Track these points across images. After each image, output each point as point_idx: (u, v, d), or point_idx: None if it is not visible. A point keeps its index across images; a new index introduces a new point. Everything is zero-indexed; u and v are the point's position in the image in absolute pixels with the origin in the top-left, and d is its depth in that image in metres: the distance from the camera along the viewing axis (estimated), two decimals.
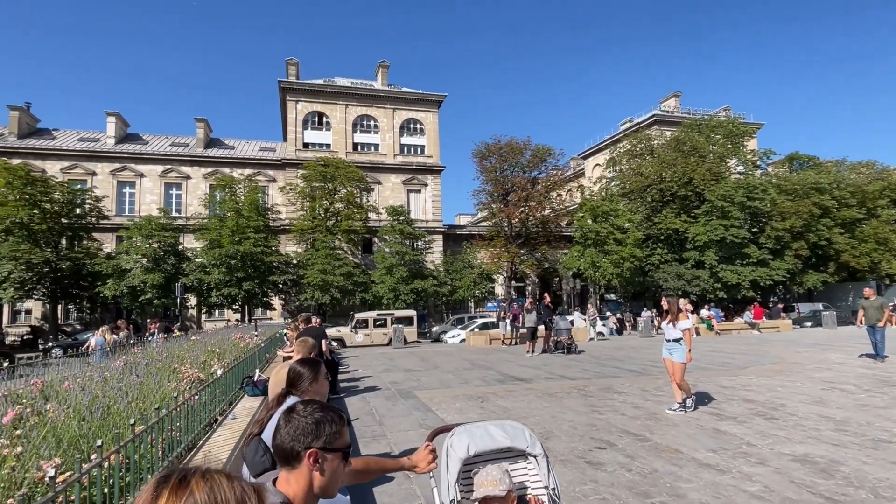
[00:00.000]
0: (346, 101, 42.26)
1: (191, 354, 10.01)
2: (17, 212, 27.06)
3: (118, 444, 3.31)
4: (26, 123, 38.31)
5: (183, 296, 27.52)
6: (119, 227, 34.25)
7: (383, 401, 9.97)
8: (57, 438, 4.54)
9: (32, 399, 6.07)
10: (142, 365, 8.56)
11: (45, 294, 29.19)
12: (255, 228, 31.24)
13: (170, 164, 38.76)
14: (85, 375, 6.98)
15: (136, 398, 5.62)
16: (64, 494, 2.67)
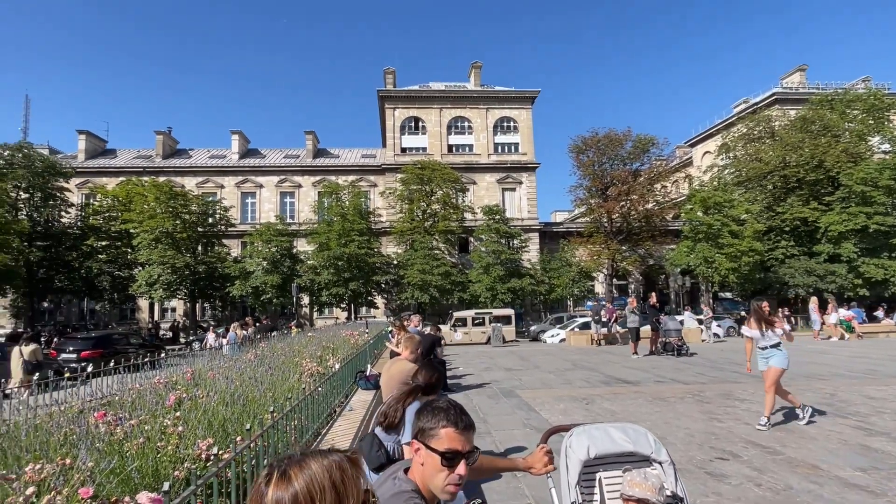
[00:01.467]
0: (441, 105, 43.20)
1: (308, 350, 10.89)
2: (164, 223, 31.16)
3: (261, 428, 3.74)
4: (168, 146, 44.02)
5: (298, 295, 29.98)
6: (243, 234, 38.13)
7: (486, 399, 10.09)
8: (208, 421, 5.20)
9: (186, 386, 7.00)
10: (269, 358, 9.49)
11: (186, 294, 33.28)
12: (359, 231, 33.07)
13: (284, 174, 42.34)
14: (225, 367, 7.90)
15: (268, 388, 6.26)
16: (226, 468, 3.08)
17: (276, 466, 0.98)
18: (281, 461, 1.00)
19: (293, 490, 0.94)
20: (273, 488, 0.95)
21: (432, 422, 1.62)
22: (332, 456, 1.01)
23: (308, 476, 0.96)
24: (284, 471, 0.97)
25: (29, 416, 5.18)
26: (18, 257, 28.83)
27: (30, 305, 33.52)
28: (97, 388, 8.42)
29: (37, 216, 32.33)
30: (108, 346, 19.05)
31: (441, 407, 1.75)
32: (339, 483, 0.97)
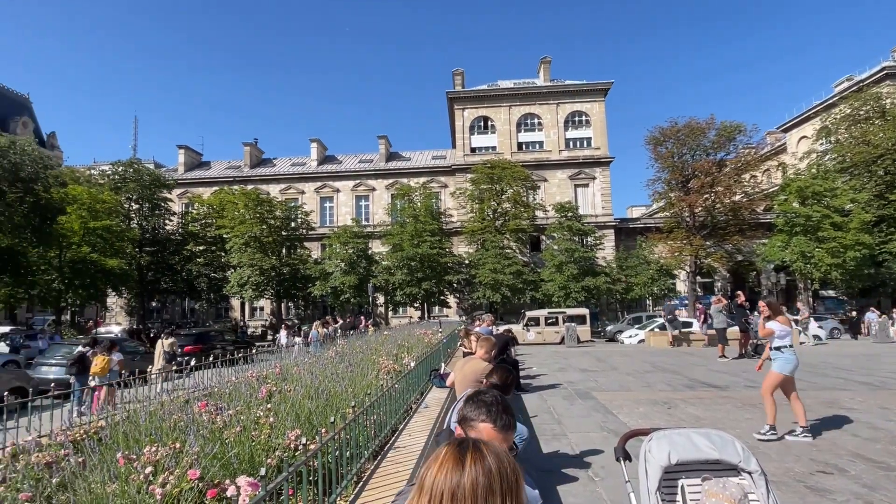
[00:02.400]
0: (510, 103, 42.89)
1: (384, 348, 11.27)
2: (252, 228, 33.50)
3: (345, 422, 3.96)
4: (255, 156, 47.24)
5: (373, 295, 31.06)
6: (322, 237, 40.07)
7: (561, 400, 9.93)
8: (296, 413, 5.56)
9: (275, 380, 7.51)
10: (348, 356, 9.94)
11: (272, 294, 35.55)
12: (431, 232, 33.65)
13: (359, 178, 44.00)
14: (310, 363, 8.39)
15: (349, 384, 6.58)
16: (314, 457, 3.30)
17: (468, 441, 1.08)
18: (470, 439, 1.10)
19: (487, 464, 1.01)
20: (470, 459, 1.02)
21: (474, 412, 1.68)
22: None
23: (498, 455, 1.04)
24: (476, 444, 1.06)
25: (145, 404, 5.81)
26: (131, 262, 32.22)
27: (141, 304, 37.37)
28: (198, 380, 9.24)
29: (145, 224, 35.95)
30: (206, 342, 20.81)
31: (485, 401, 1.80)
32: (517, 469, 1.05)
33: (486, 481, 1.00)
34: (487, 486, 1.00)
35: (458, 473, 1.01)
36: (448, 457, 1.05)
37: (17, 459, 4.54)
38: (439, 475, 1.02)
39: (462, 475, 1.00)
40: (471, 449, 1.05)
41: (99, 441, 5.10)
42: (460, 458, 1.03)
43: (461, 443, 1.08)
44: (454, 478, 1.01)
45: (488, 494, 0.99)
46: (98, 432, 5.37)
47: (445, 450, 1.07)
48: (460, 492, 0.99)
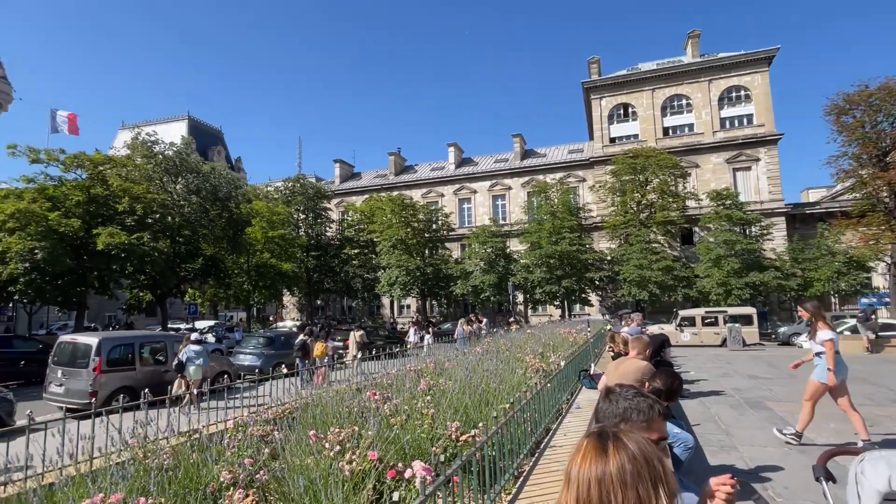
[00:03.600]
0: (652, 86, 39.88)
1: (529, 346, 11.34)
2: (398, 231, 35.99)
3: (505, 416, 4.15)
4: (398, 164, 50.65)
5: (513, 293, 31.28)
6: (462, 237, 41.46)
7: (727, 408, 9.05)
8: (454, 407, 5.92)
9: (431, 374, 8.04)
10: (493, 353, 10.21)
11: (418, 293, 37.79)
12: (570, 228, 32.80)
13: (494, 178, 44.63)
14: (460, 359, 8.82)
15: (501, 381, 6.80)
16: (480, 450, 3.53)
17: (608, 430, 1.11)
18: (609, 428, 1.13)
19: (631, 452, 1.04)
20: (613, 448, 1.05)
21: (644, 415, 1.67)
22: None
23: (638, 443, 1.07)
24: (615, 434, 1.09)
25: (328, 391, 6.67)
26: (301, 265, 36.77)
27: (309, 303, 42.46)
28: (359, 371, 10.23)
29: (310, 232, 40.77)
30: (365, 338, 22.90)
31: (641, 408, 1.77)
32: (661, 457, 1.07)
33: (632, 468, 1.02)
34: (635, 473, 1.01)
35: (603, 462, 1.03)
36: (590, 447, 1.08)
37: (238, 431, 5.54)
38: (584, 465, 1.05)
39: (606, 463, 1.03)
40: (611, 438, 1.07)
41: (293, 420, 5.99)
42: (602, 448, 1.05)
43: (601, 433, 1.10)
44: (599, 466, 1.03)
45: (637, 481, 1.00)
46: (293, 413, 6.31)
47: (586, 441, 1.10)
48: (606, 478, 1.01)
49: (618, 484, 1.00)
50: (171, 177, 27.87)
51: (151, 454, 4.53)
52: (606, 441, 1.07)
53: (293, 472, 4.12)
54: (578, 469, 1.06)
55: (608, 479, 1.01)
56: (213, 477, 4.23)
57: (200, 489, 4.07)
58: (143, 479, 4.01)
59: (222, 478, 4.17)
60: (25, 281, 19.25)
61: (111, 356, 11.93)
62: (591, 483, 1.02)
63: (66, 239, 19.97)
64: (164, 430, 5.10)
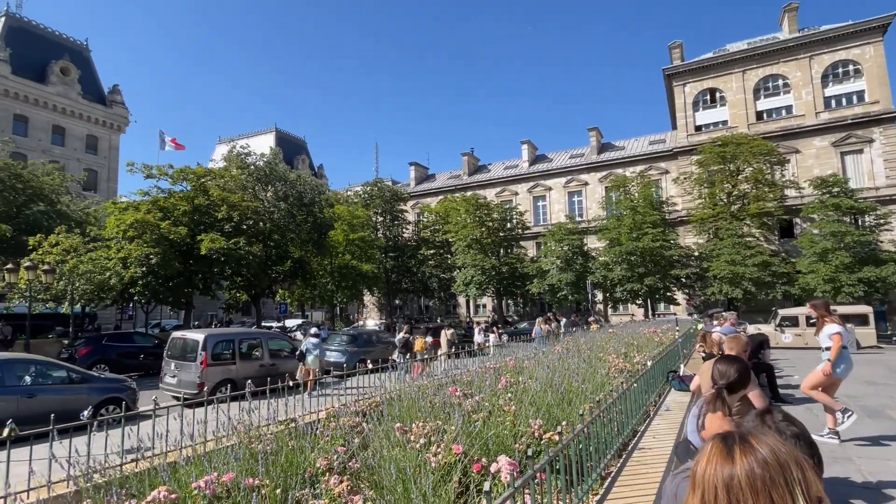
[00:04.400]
0: (743, 67, 36.97)
1: (611, 345, 10.99)
2: (473, 231, 36.20)
3: (591, 416, 4.08)
4: (472, 164, 50.91)
5: (592, 292, 30.36)
6: (537, 235, 40.87)
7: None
8: (536, 405, 5.90)
9: (511, 372, 8.05)
10: (574, 352, 10.00)
11: (493, 292, 37.78)
12: (652, 223, 31.25)
13: (570, 174, 43.55)
14: (540, 358, 8.75)
15: (583, 380, 6.67)
16: (566, 448, 3.51)
17: (734, 433, 1.06)
18: (736, 431, 1.07)
19: (761, 455, 0.98)
20: (739, 451, 1.00)
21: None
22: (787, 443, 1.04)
23: (771, 446, 1.00)
24: (743, 436, 1.04)
25: (410, 386, 6.88)
26: (380, 266, 38.06)
27: (388, 302, 43.82)
28: (450, 367, 10.42)
29: (388, 234, 42.10)
30: (440, 336, 23.29)
31: (788, 435, 1.60)
32: (801, 461, 0.99)
33: (763, 473, 0.96)
34: (767, 478, 0.95)
35: (730, 466, 0.98)
36: (715, 450, 1.03)
37: (330, 421, 5.88)
38: (709, 469, 1.01)
39: (734, 467, 0.98)
40: (738, 441, 1.02)
41: (380, 413, 6.26)
42: (728, 451, 1.00)
43: (726, 436, 1.05)
44: (726, 470, 0.99)
45: (771, 487, 0.95)
46: (379, 406, 6.58)
47: (712, 444, 1.05)
48: (735, 484, 0.97)
49: (747, 489, 0.96)
50: (261, 185, 29.98)
51: (256, 440, 4.94)
52: (732, 445, 1.03)
53: (383, 461, 4.33)
54: (704, 472, 1.02)
55: (736, 484, 0.97)
56: (310, 463, 4.54)
57: (299, 474, 4.38)
58: (249, 461, 4.39)
59: (318, 464, 4.46)
60: (143, 283, 21.59)
61: (215, 351, 13.08)
62: (718, 488, 0.99)
63: (175, 245, 22.13)
64: (265, 418, 5.54)
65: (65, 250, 21.44)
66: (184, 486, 3.83)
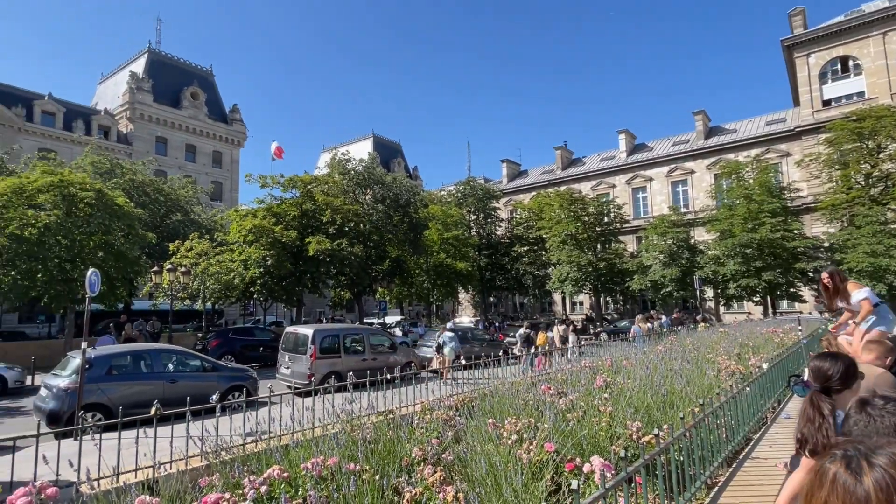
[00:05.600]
0: (883, 28, 32.05)
1: (721, 345, 10.15)
2: (568, 226, 35.21)
3: (694, 420, 3.83)
4: (565, 158, 49.56)
5: (700, 288, 28.13)
6: (637, 229, 38.75)
7: None
8: (634, 406, 5.65)
9: (607, 371, 7.77)
10: (678, 352, 9.39)
11: (590, 289, 36.46)
12: (771, 212, 28.23)
13: (673, 163, 40.72)
14: (640, 357, 8.33)
15: (687, 382, 6.26)
16: (665, 452, 3.34)
17: (852, 452, 0.87)
18: (849, 448, 0.89)
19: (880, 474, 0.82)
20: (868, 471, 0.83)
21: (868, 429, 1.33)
22: None
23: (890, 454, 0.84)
24: (870, 453, 0.86)
25: (504, 383, 6.92)
26: (474, 264, 38.43)
27: (482, 300, 44.08)
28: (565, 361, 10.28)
29: (481, 231, 42.34)
30: (537, 333, 23.00)
31: None
32: None
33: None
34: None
35: (858, 491, 0.80)
36: (837, 474, 0.84)
37: (425, 414, 6.09)
38: (832, 498, 0.83)
39: (867, 497, 0.79)
40: (864, 457, 0.83)
41: (472, 408, 6.36)
42: (855, 474, 0.82)
43: (847, 455, 0.86)
44: (853, 498, 0.80)
45: None
46: (472, 401, 6.69)
47: (828, 467, 0.86)
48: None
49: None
50: (361, 189, 31.65)
51: (357, 428, 5.28)
52: (859, 463, 0.84)
53: (475, 455, 4.41)
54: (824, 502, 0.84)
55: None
56: (406, 452, 4.76)
57: (396, 462, 4.61)
58: (351, 448, 4.70)
59: (414, 454, 4.66)
60: (261, 282, 23.82)
61: (322, 345, 14.08)
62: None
63: (286, 247, 24.13)
64: (365, 408, 5.89)
65: (197, 254, 24.32)
66: (294, 466, 4.21)
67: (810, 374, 2.36)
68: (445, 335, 14.87)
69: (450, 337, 14.71)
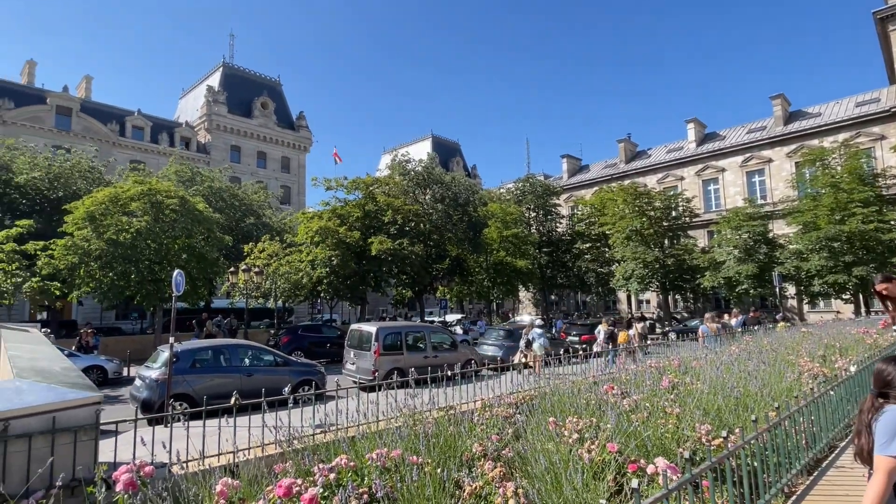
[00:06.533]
0: None
1: (804, 346, 9.48)
2: (632, 222, 33.96)
3: (768, 423, 3.64)
4: (629, 151, 47.81)
5: (780, 285, 26.22)
6: (708, 223, 36.73)
7: None
8: (703, 408, 5.42)
9: (675, 372, 7.48)
10: (754, 353, 8.87)
11: (657, 286, 34.96)
12: (862, 201, 25.80)
13: (748, 151, 38.21)
14: (710, 358, 7.96)
15: (763, 384, 5.92)
16: (735, 456, 3.21)
17: None
18: None
19: None
20: None
21: None
22: None
23: None
24: None
25: (561, 382, 6.85)
26: (534, 262, 37.97)
27: (543, 298, 43.44)
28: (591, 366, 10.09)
29: (541, 229, 41.74)
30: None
31: None
32: None
33: None
34: None
35: None
36: None
37: (485, 410, 6.16)
38: None
39: None
40: None
41: (532, 406, 6.35)
42: None
43: None
44: None
45: None
46: (532, 400, 6.68)
47: None
48: None
49: None
50: (420, 189, 32.16)
51: (419, 422, 5.43)
52: None
53: (535, 452, 4.42)
54: None
55: None
56: (466, 447, 4.84)
57: (456, 456, 4.71)
58: (413, 441, 4.85)
59: (474, 449, 4.74)
60: (327, 282, 24.83)
61: (386, 342, 14.50)
62: None
63: (350, 247, 25.00)
64: (426, 404, 6.04)
65: (269, 255, 25.73)
66: (360, 457, 4.41)
67: (871, 378, 2.26)
68: (535, 331, 15.37)
69: (539, 333, 15.21)
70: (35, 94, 41.36)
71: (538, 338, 15.01)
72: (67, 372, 5.86)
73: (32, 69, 44.46)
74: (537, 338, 15.01)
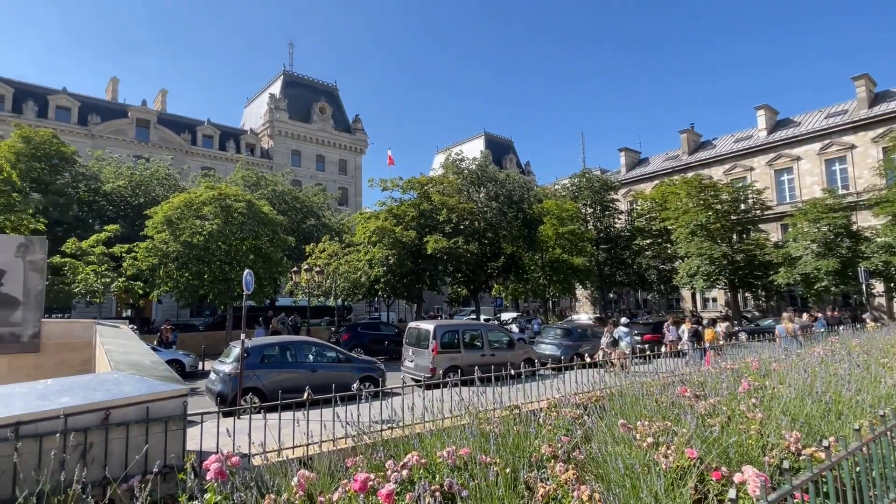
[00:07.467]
0: None
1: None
2: (697, 216, 32.33)
3: (872, 433, 3.34)
4: (692, 141, 45.56)
5: (867, 282, 24.14)
6: (782, 216, 34.38)
7: None
8: (790, 415, 5.07)
9: (753, 374, 7.05)
10: (841, 355, 8.21)
11: (725, 284, 33.13)
12: None
13: (827, 138, 35.40)
14: (793, 360, 7.44)
15: (858, 389, 5.46)
16: (837, 468, 2.96)
17: None
18: None
19: None
20: None
21: None
22: None
23: None
24: None
25: (635, 383, 6.61)
26: (591, 259, 37.02)
27: (602, 296, 42.25)
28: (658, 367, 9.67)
29: (599, 225, 40.60)
30: (662, 332, 21.52)
31: None
32: None
33: None
34: None
35: None
36: None
37: (552, 411, 6.05)
38: None
39: None
40: None
41: (601, 407, 6.17)
42: None
43: None
44: None
45: None
46: (600, 400, 6.50)
47: None
48: None
49: None
50: (475, 187, 32.15)
51: (485, 421, 5.41)
52: None
53: (608, 455, 4.29)
54: None
55: None
56: (535, 448, 4.77)
57: (525, 457, 4.64)
58: (480, 440, 4.84)
59: (543, 450, 4.66)
60: (385, 280, 25.34)
61: (443, 340, 14.59)
62: None
63: (406, 247, 25.38)
64: (490, 403, 6.01)
65: (329, 255, 26.59)
66: (429, 454, 4.45)
67: None
68: (621, 330, 15.80)
69: (625, 332, 15.64)
70: (118, 108, 44.89)
71: (624, 336, 15.41)
72: (157, 365, 6.29)
73: (116, 85, 48.25)
74: (623, 336, 15.41)
